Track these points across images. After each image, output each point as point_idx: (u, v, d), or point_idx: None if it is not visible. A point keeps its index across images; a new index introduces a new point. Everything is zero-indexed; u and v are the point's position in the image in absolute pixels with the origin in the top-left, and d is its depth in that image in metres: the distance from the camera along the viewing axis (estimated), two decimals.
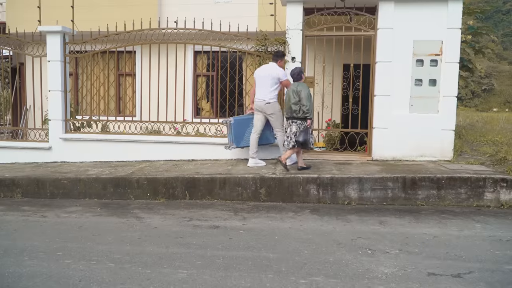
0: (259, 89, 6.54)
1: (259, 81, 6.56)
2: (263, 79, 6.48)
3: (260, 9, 9.16)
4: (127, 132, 7.67)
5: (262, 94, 6.48)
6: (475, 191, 5.40)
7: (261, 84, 6.51)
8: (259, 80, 6.55)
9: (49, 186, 6.24)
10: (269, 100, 6.43)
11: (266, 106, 6.45)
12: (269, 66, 6.59)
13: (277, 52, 6.69)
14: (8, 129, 9.13)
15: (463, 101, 35.94)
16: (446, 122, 6.66)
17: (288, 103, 6.11)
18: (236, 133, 6.75)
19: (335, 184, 5.60)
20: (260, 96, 6.50)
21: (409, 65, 6.74)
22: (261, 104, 6.49)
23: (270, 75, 6.42)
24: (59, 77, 7.62)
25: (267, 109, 6.47)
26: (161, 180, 5.97)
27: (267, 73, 6.47)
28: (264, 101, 6.45)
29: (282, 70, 6.50)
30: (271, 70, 6.46)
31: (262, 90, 6.48)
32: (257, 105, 6.56)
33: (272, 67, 6.51)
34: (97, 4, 9.54)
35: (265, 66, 6.66)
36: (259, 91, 6.54)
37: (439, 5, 6.61)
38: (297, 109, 6.01)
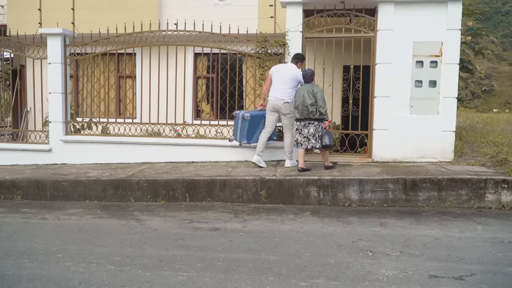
0: (277, 88, 6.43)
1: (278, 80, 6.44)
2: (284, 79, 6.39)
3: (260, 11, 9.16)
4: (127, 134, 7.67)
5: (281, 93, 6.39)
6: (476, 193, 5.39)
7: (281, 83, 6.41)
8: (279, 79, 6.44)
9: (49, 188, 6.24)
10: (288, 100, 6.38)
11: (284, 105, 6.37)
12: (289, 66, 6.51)
13: (298, 55, 6.59)
14: (9, 131, 9.13)
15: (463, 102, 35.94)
16: (447, 123, 6.66)
17: (304, 103, 6.08)
18: (250, 129, 6.64)
19: (335, 186, 5.59)
20: (279, 95, 6.40)
21: (409, 67, 6.74)
22: (279, 103, 6.39)
23: (292, 76, 6.37)
24: (59, 79, 7.63)
25: (285, 108, 6.39)
26: (161, 182, 5.96)
27: (288, 73, 6.40)
28: (283, 100, 6.37)
29: (301, 72, 6.43)
30: (293, 71, 6.40)
31: (282, 89, 6.40)
32: (274, 104, 6.45)
33: (293, 68, 6.45)
34: (98, 6, 9.55)
35: (284, 66, 6.59)
36: (277, 90, 6.43)
37: (439, 6, 6.61)
38: (314, 110, 6.05)
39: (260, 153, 6.55)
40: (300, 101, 6.15)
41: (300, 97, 6.16)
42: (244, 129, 6.61)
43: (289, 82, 6.38)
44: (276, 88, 6.45)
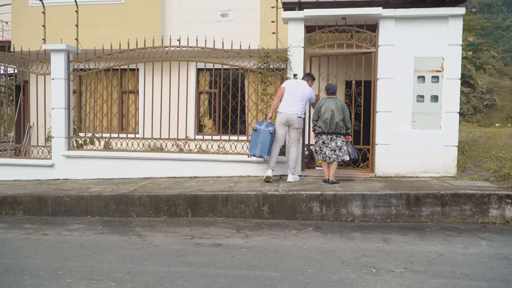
0: (292, 102, 6.53)
1: (295, 94, 6.55)
2: (301, 94, 6.55)
3: (262, 27, 9.25)
4: (129, 149, 7.67)
5: (296, 107, 6.52)
6: (479, 208, 5.35)
7: (297, 98, 6.53)
8: (296, 93, 6.55)
9: (51, 204, 6.22)
10: (301, 114, 6.56)
11: (298, 119, 6.52)
12: (304, 83, 6.69)
13: (310, 73, 6.94)
14: (11, 147, 9.16)
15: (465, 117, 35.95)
16: (449, 138, 6.65)
17: (334, 118, 6.27)
18: (270, 143, 6.56)
19: (338, 201, 5.56)
20: (293, 109, 6.52)
21: (411, 82, 6.77)
22: (293, 116, 6.50)
23: (308, 94, 6.60)
24: (62, 94, 7.68)
25: (298, 122, 6.54)
26: (163, 198, 5.95)
27: (305, 90, 6.59)
28: (297, 114, 6.51)
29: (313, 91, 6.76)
30: (309, 89, 6.65)
31: (297, 103, 6.52)
32: (287, 117, 6.51)
33: (306, 86, 6.65)
34: (102, 23, 9.66)
35: (300, 82, 6.72)
36: (292, 103, 6.52)
37: (440, 22, 6.67)
38: (342, 125, 6.30)
39: (274, 166, 6.61)
40: (329, 115, 6.29)
41: (329, 111, 6.30)
42: (268, 143, 6.52)
43: (305, 99, 6.59)
44: (291, 102, 6.53)
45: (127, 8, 9.89)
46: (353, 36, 7.09)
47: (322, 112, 6.36)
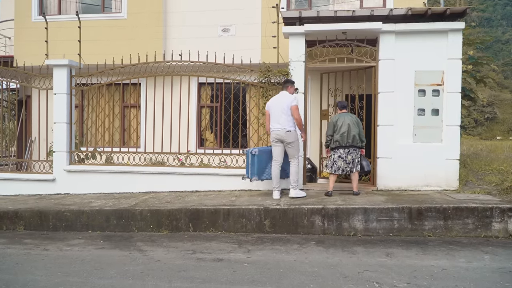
0: (276, 118, 6.34)
1: (275, 110, 6.36)
2: (281, 108, 6.30)
3: (263, 42, 9.33)
4: (131, 163, 7.68)
5: (280, 123, 6.29)
6: (482, 221, 5.32)
7: (279, 113, 6.31)
8: (276, 109, 6.35)
9: (52, 219, 6.20)
10: (289, 128, 6.28)
11: (287, 134, 6.28)
12: (282, 96, 6.43)
13: (285, 80, 6.64)
14: (13, 161, 9.18)
15: (466, 130, 35.94)
16: (450, 151, 6.65)
17: (350, 132, 6.43)
18: (260, 165, 6.53)
19: (340, 215, 5.54)
20: (279, 126, 6.32)
21: (411, 95, 6.80)
22: (281, 132, 6.29)
23: (284, 105, 6.28)
24: (64, 109, 7.71)
25: (288, 137, 6.29)
26: (164, 212, 5.93)
27: (280, 103, 6.32)
28: (285, 129, 6.27)
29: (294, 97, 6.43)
30: (284, 100, 6.32)
31: (281, 118, 6.29)
32: (276, 134, 6.35)
33: (285, 97, 6.37)
34: (104, 38, 9.76)
35: (277, 97, 6.49)
36: (276, 120, 6.33)
37: (439, 36, 6.72)
38: (358, 139, 6.48)
39: (278, 186, 6.43)
40: (346, 129, 6.42)
41: (345, 125, 6.42)
42: (254, 165, 6.50)
43: (286, 110, 6.28)
44: (274, 118, 6.39)
45: (130, 23, 10.00)
46: (354, 50, 7.15)
47: (339, 126, 6.47)
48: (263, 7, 9.48)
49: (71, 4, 10.62)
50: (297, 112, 6.30)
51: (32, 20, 10.49)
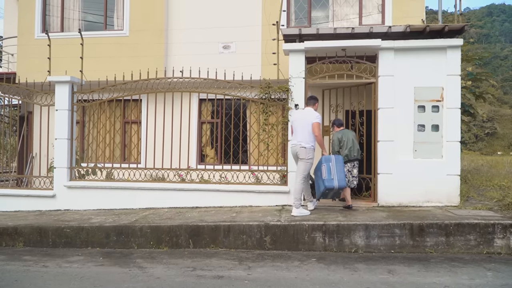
0: (295, 134, 6.38)
1: (297, 125, 6.37)
2: (302, 123, 6.31)
3: (264, 58, 9.41)
4: (131, 179, 7.67)
5: (298, 138, 6.30)
6: (484, 238, 5.29)
7: (297, 129, 6.35)
8: (298, 123, 6.37)
9: (52, 235, 6.17)
10: (305, 145, 6.23)
11: (301, 149, 6.24)
12: (306, 112, 6.46)
13: (311, 96, 6.68)
14: (13, 177, 9.17)
15: (467, 145, 35.96)
16: (451, 167, 6.65)
17: (355, 146, 6.85)
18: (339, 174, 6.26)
19: (341, 232, 5.51)
20: (295, 141, 6.35)
21: (411, 111, 6.83)
22: (296, 148, 6.31)
23: (307, 119, 6.29)
24: (66, 125, 7.74)
25: (302, 153, 6.24)
26: (164, 228, 5.90)
27: (303, 119, 6.33)
28: (300, 145, 6.26)
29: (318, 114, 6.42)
30: (308, 115, 6.34)
31: (298, 134, 6.31)
32: (293, 150, 6.40)
33: (309, 113, 6.39)
34: (106, 55, 9.85)
35: (300, 112, 6.56)
36: (294, 136, 6.38)
37: (438, 53, 6.78)
38: (360, 153, 6.97)
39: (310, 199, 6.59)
40: (351, 143, 6.81)
41: (350, 140, 6.82)
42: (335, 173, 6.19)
43: (307, 126, 6.26)
44: (295, 134, 6.41)
45: (132, 40, 10.10)
46: (353, 66, 7.21)
47: (345, 142, 6.80)
48: (263, 25, 9.59)
49: (74, 21, 10.75)
50: (318, 129, 6.25)
51: (35, 37, 10.60)
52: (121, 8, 10.45)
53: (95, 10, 10.76)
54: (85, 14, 10.83)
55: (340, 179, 6.15)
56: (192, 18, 10.09)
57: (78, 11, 10.77)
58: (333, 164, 6.20)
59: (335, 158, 6.27)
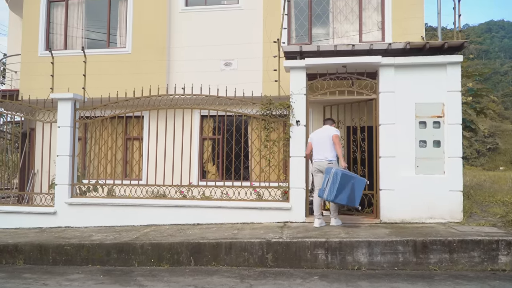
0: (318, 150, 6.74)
1: (318, 141, 6.78)
2: (321, 140, 6.75)
3: (265, 75, 9.47)
4: (132, 196, 7.65)
5: (323, 154, 6.68)
6: (488, 254, 5.23)
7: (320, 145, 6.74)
8: (319, 141, 6.78)
9: (52, 253, 6.13)
10: (331, 159, 6.65)
11: (329, 165, 6.59)
12: (326, 129, 6.89)
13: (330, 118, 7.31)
14: (15, 194, 9.16)
15: (469, 160, 35.85)
16: (453, 183, 6.62)
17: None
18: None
19: (343, 249, 5.46)
20: (321, 157, 6.70)
21: (413, 127, 6.83)
22: (322, 163, 6.66)
23: (330, 135, 6.70)
24: (68, 142, 7.76)
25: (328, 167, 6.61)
26: (165, 246, 5.86)
27: (326, 135, 6.73)
28: (326, 159, 6.65)
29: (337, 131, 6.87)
30: (331, 132, 6.75)
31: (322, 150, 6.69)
32: (318, 165, 6.74)
33: (329, 129, 6.83)
34: (109, 72, 9.93)
35: (321, 130, 6.94)
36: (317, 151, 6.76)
37: (438, 69, 6.82)
38: None
39: (319, 215, 6.65)
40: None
41: None
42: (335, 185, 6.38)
43: (329, 141, 6.67)
44: (317, 150, 6.76)
45: (134, 58, 10.20)
46: (354, 83, 7.24)
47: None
48: (264, 42, 9.68)
49: (77, 39, 10.88)
50: (338, 140, 6.67)
51: (39, 55, 10.71)
52: (124, 26, 10.58)
53: (98, 28, 10.90)
54: (88, 32, 10.96)
55: (330, 192, 6.28)
56: (194, 35, 10.20)
57: (82, 29, 10.91)
58: (330, 178, 6.36)
59: (333, 173, 6.33)
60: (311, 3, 9.86)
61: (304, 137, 7.07)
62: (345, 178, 6.32)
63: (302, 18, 9.92)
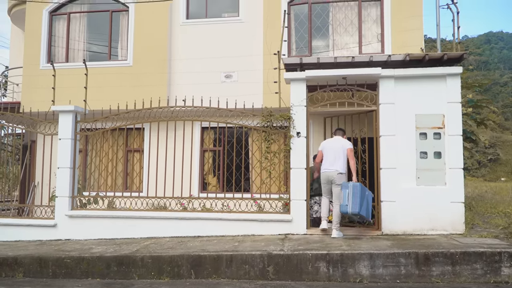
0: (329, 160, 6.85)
1: (329, 152, 6.90)
2: (334, 150, 6.85)
3: (265, 87, 9.52)
4: (133, 208, 7.62)
5: (334, 165, 6.80)
6: (491, 266, 5.20)
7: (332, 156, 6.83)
8: (329, 151, 6.90)
9: (52, 266, 6.09)
10: (340, 170, 6.76)
11: (338, 176, 6.73)
12: (338, 140, 7.00)
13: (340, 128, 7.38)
14: (15, 206, 9.13)
15: (470, 171, 35.77)
16: (455, 194, 6.60)
17: None
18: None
19: (345, 261, 5.42)
20: (332, 168, 6.82)
21: (413, 138, 6.83)
22: (332, 174, 6.76)
23: (344, 147, 6.83)
24: (68, 154, 7.76)
25: (338, 179, 6.73)
26: (166, 258, 5.82)
27: (339, 146, 6.85)
28: (336, 171, 6.75)
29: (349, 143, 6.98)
30: (343, 143, 6.90)
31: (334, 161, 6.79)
32: (327, 176, 6.84)
33: (341, 141, 6.96)
34: (110, 84, 9.98)
35: (332, 140, 7.08)
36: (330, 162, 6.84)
37: (438, 80, 6.85)
38: None
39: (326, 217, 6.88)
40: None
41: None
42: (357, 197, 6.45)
43: (342, 152, 6.78)
44: (328, 160, 6.86)
45: (135, 70, 10.26)
46: (354, 94, 7.27)
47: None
48: (265, 54, 9.74)
49: (79, 52, 10.95)
50: (352, 154, 6.81)
51: (40, 68, 10.78)
52: (125, 39, 10.66)
53: (99, 41, 10.98)
54: (90, 45, 11.04)
55: (354, 204, 6.29)
56: (194, 48, 10.27)
57: (83, 42, 10.99)
58: (350, 191, 6.39)
59: (353, 185, 6.41)
60: (311, 15, 9.94)
61: (304, 149, 7.07)
62: (364, 190, 6.45)
63: (302, 30, 9.99)
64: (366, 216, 6.42)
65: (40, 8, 10.89)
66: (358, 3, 9.78)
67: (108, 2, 10.77)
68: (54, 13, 11.07)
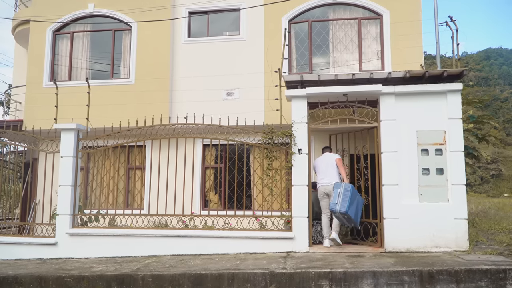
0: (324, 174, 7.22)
1: (322, 167, 7.31)
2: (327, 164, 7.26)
3: (266, 104, 9.56)
4: (134, 226, 7.58)
5: (328, 178, 7.15)
6: (496, 284, 5.14)
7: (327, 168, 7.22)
8: (322, 166, 7.31)
9: (52, 285, 6.02)
10: (335, 181, 7.09)
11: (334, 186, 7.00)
12: (327, 155, 7.41)
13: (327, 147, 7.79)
14: (16, 224, 9.09)
15: (472, 187, 35.59)
16: (458, 211, 6.56)
17: None
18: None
19: (348, 279, 5.36)
20: (326, 181, 7.17)
21: (415, 155, 6.83)
22: (329, 187, 7.05)
23: (332, 160, 7.26)
24: (70, 172, 7.75)
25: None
26: (167, 277, 5.76)
27: (329, 160, 7.28)
28: (331, 183, 7.07)
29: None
30: (332, 157, 7.33)
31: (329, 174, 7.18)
32: (324, 189, 7.15)
33: (330, 155, 7.40)
34: (112, 102, 10.03)
35: (324, 156, 7.44)
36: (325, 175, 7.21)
37: (438, 97, 6.88)
38: None
39: (328, 236, 6.98)
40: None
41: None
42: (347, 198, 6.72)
43: (332, 164, 7.19)
44: (321, 174, 7.26)
45: (137, 88, 10.32)
46: (355, 111, 7.29)
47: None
48: (266, 72, 9.81)
49: (81, 70, 11.05)
50: (341, 162, 7.26)
51: (43, 86, 10.85)
52: (128, 57, 10.76)
53: (102, 59, 11.08)
54: (93, 63, 11.15)
55: (343, 203, 6.53)
56: (196, 66, 10.35)
57: (86, 60, 11.09)
58: (341, 190, 6.69)
59: (345, 186, 6.73)
60: (311, 33, 10.04)
61: (306, 166, 7.06)
62: (355, 192, 6.71)
63: (302, 48, 10.08)
64: (354, 218, 6.57)
65: (44, 28, 11.03)
66: (358, 21, 9.89)
67: (111, 22, 10.91)
68: (58, 32, 11.20)
